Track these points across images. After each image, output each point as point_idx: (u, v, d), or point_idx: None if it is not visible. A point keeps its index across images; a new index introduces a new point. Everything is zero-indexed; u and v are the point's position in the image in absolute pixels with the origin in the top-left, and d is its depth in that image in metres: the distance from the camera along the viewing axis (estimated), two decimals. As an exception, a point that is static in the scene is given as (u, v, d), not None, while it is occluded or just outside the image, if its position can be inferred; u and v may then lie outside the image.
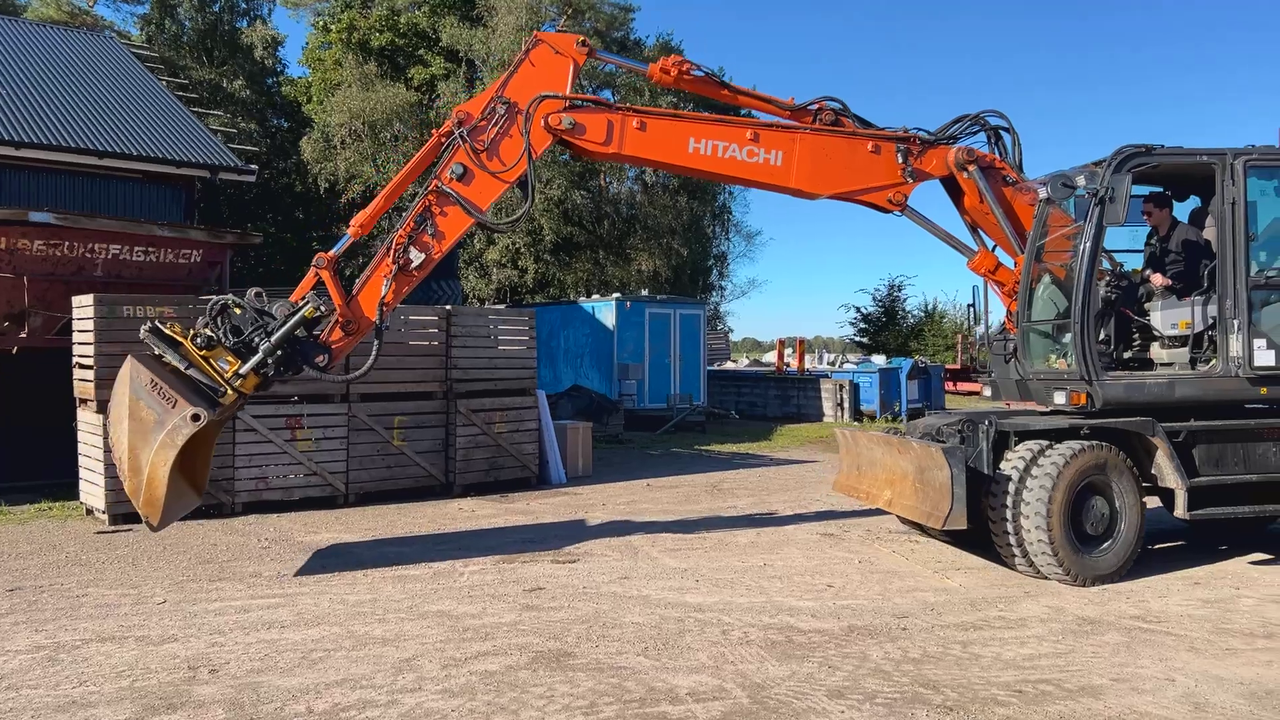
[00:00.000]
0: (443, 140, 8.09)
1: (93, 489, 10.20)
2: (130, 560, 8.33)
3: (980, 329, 9.50)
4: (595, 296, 24.86)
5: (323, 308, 7.60)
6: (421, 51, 30.86)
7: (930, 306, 37.93)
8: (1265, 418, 8.24)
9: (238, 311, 7.38)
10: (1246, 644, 6.05)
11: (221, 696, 5.10)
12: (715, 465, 15.43)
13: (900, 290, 38.44)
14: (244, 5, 36.02)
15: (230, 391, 7.32)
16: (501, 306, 25.53)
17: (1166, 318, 8.23)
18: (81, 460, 10.57)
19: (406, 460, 11.76)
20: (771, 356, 31.10)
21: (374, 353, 7.85)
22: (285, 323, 7.39)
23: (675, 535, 9.54)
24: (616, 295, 22.97)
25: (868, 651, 5.87)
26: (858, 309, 38.85)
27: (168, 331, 7.34)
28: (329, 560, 8.38)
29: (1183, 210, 9.00)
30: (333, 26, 31.69)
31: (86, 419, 10.35)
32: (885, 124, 9.01)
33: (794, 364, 26.70)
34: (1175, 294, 8.24)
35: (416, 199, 8.10)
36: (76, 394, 10.48)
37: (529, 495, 12.14)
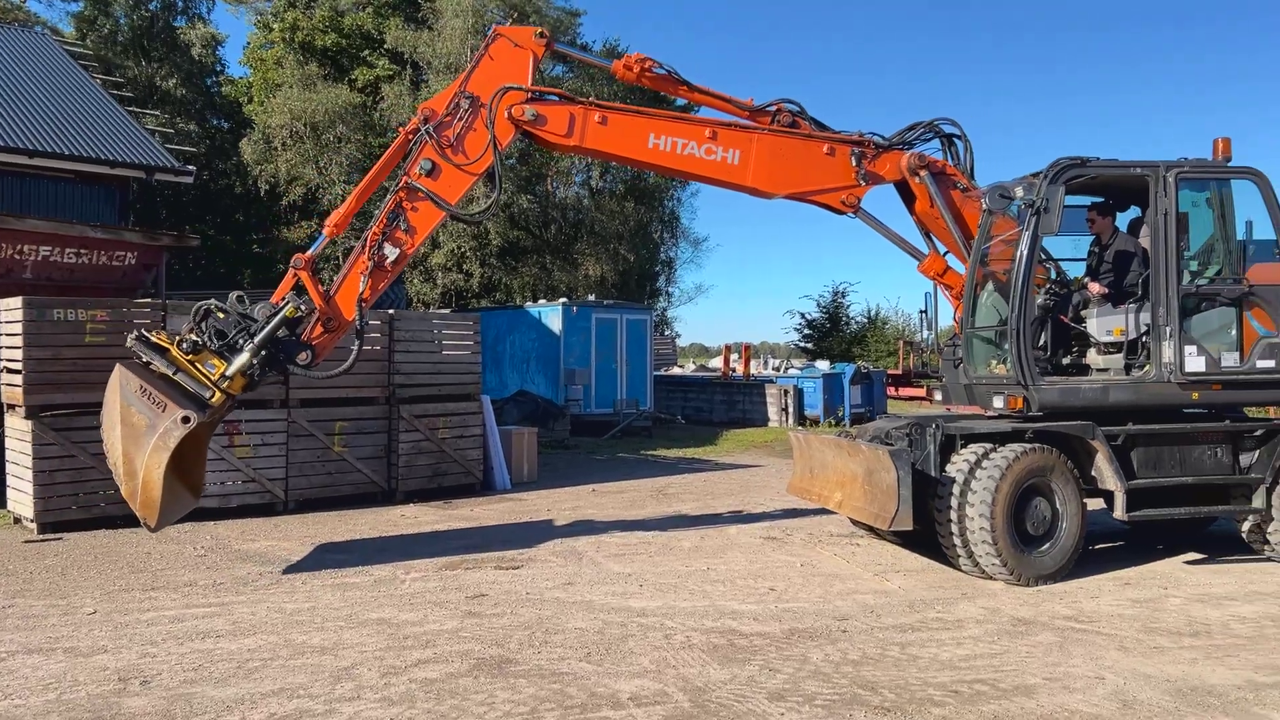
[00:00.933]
0: (410, 138, 8.20)
1: (21, 497, 9.91)
2: (59, 570, 8.12)
3: (931, 334, 9.70)
4: (542, 301, 24.80)
5: (303, 307, 7.75)
6: (366, 53, 30.54)
7: (873, 313, 38.44)
8: (1201, 422, 8.48)
9: (221, 315, 7.54)
10: (1173, 642, 6.21)
11: (152, 709, 4.99)
12: (661, 470, 15.46)
13: (844, 297, 38.92)
14: (182, 3, 35.34)
15: (218, 393, 7.44)
16: (446, 311, 25.33)
17: (1102, 324, 8.44)
18: (9, 468, 10.28)
19: (348, 467, 11.61)
20: (718, 362, 31.24)
21: (355, 350, 8.02)
22: (267, 324, 7.57)
23: (620, 540, 9.55)
24: (563, 300, 22.93)
25: (808, 654, 5.92)
26: (802, 315, 39.24)
27: (154, 339, 7.45)
28: (267, 568, 8.24)
29: (1126, 219, 9.25)
30: (274, 26, 31.24)
31: (15, 425, 10.06)
32: (840, 130, 9.15)
33: (740, 369, 26.85)
34: (1111, 301, 8.45)
35: (388, 196, 8.15)
36: (4, 399, 10.17)
37: (473, 501, 12.06)
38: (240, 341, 7.50)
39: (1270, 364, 8.11)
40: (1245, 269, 8.21)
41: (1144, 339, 8.18)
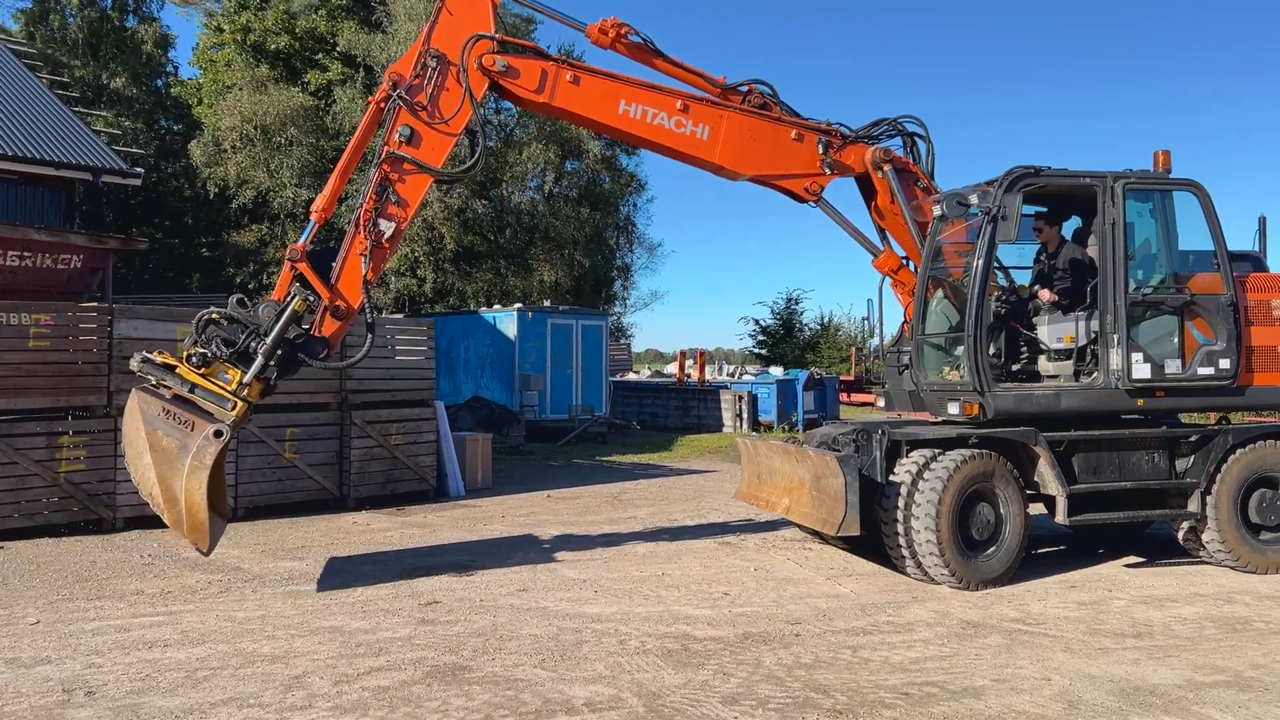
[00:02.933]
0: (382, 106, 7.93)
1: (-40, 505, 9.67)
2: (0, 580, 7.93)
3: (875, 340, 9.79)
4: (497, 307, 24.70)
5: (310, 298, 7.49)
6: (319, 56, 30.22)
7: (826, 320, 38.79)
8: (1139, 428, 8.68)
9: (224, 323, 7.24)
10: (1117, 643, 6.35)
11: (98, 719, 4.91)
12: (616, 476, 15.47)
13: (797, 304, 39.24)
14: (132, 2, 34.73)
15: (239, 403, 7.17)
16: (400, 316, 25.14)
17: (1053, 332, 8.61)
18: (-52, 475, 10.02)
19: (299, 473, 11.48)
20: (673, 368, 31.34)
21: (369, 340, 7.85)
22: (277, 323, 7.26)
23: (575, 546, 9.54)
24: (518, 306, 22.87)
25: (761, 658, 5.96)
26: (757, 321, 39.49)
27: (160, 359, 7.15)
28: (216, 576, 8.12)
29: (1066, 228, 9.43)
30: (225, 27, 30.79)
31: (-46, 431, 9.81)
32: (808, 117, 9.21)
33: (695, 375, 26.97)
34: (1061, 309, 8.62)
35: (371, 170, 7.91)
36: (-57, 405, 9.92)
37: (427, 508, 11.98)
38: (252, 346, 7.22)
39: (1209, 371, 8.32)
40: (1187, 279, 8.44)
41: (1093, 346, 8.36)
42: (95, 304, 10.76)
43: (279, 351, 7.32)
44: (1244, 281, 8.59)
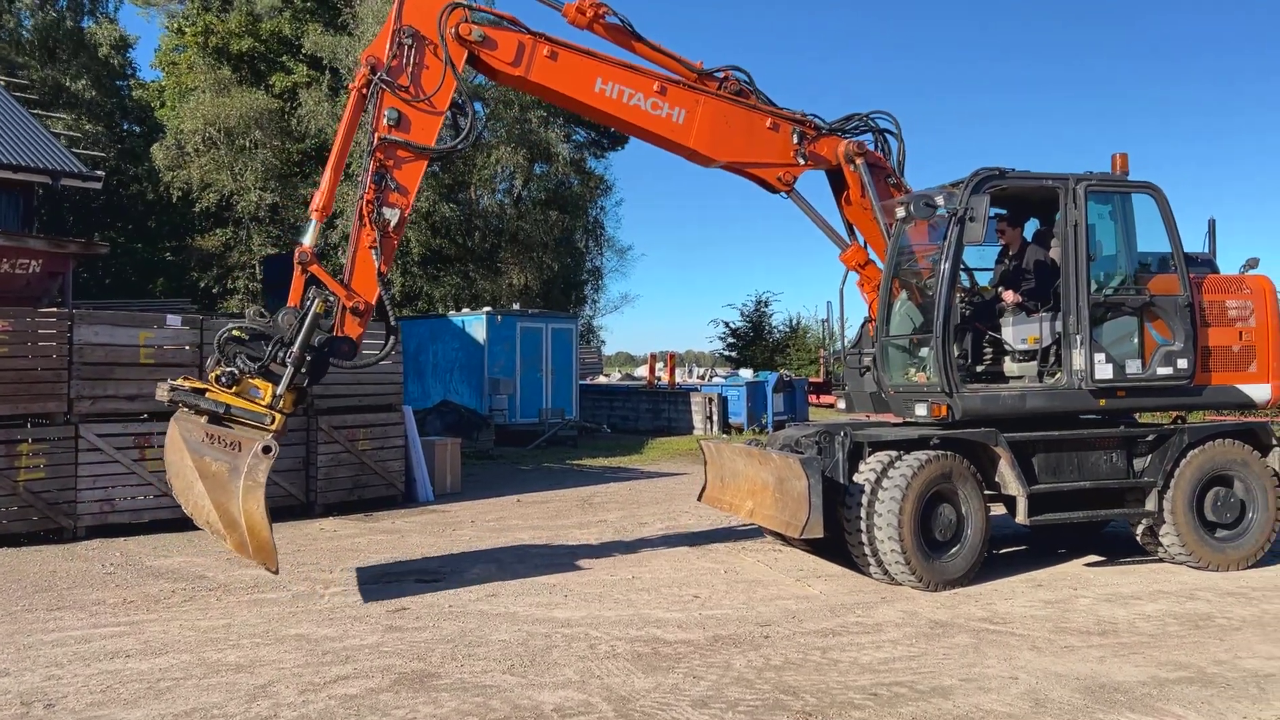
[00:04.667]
0: (364, 93, 7.73)
1: (-85, 515, 9.48)
2: (-43, 591, 7.78)
3: (837, 344, 9.82)
4: (465, 310, 24.59)
5: (331, 298, 7.37)
6: (284, 58, 29.97)
7: (794, 322, 38.99)
8: (1097, 428, 8.77)
9: (246, 339, 7.12)
10: (1083, 641, 6.41)
11: (57, 733, 4.81)
12: (587, 479, 15.44)
13: (766, 306, 39.41)
14: (89, 3, 34.24)
15: (277, 416, 7.08)
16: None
17: (1017, 333, 8.66)
18: (-98, 485, 9.81)
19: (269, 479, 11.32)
20: (644, 370, 31.34)
21: (391, 341, 7.80)
22: (302, 329, 7.13)
23: (544, 550, 9.50)
24: (487, 309, 22.77)
25: (731, 660, 5.96)
26: (726, 324, 39.60)
27: (189, 385, 7.05)
28: (180, 585, 8.01)
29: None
30: (187, 30, 30.45)
31: (-91, 440, 9.62)
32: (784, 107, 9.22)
33: (665, 378, 26.99)
34: (1025, 310, 8.69)
35: (365, 160, 7.75)
36: (-103, 413, 9.72)
37: (394, 514, 11.89)
38: (279, 357, 7.10)
39: (1168, 371, 8.43)
40: (1146, 280, 8.55)
41: (1056, 347, 8.44)
42: (55, 309, 10.59)
43: (307, 358, 7.21)
44: (1200, 283, 8.72)
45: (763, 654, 6.09)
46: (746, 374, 26.84)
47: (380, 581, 8.15)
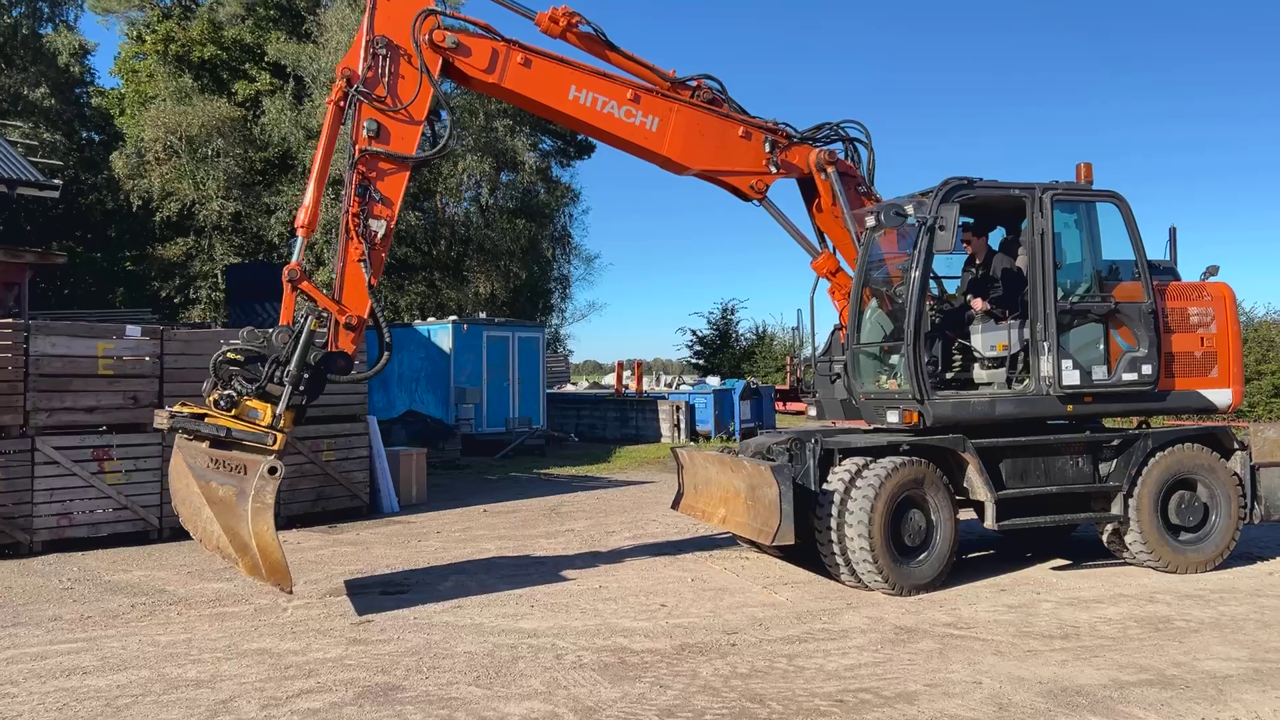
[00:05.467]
0: (341, 106, 7.72)
1: None
2: (-92, 609, 7.61)
3: (806, 350, 9.89)
4: (431, 319, 24.44)
5: (324, 314, 7.43)
6: (246, 66, 29.68)
7: (760, 329, 39.10)
8: (1063, 433, 8.88)
9: (240, 359, 7.14)
10: (1045, 645, 6.47)
11: (11, 753, 4.71)
12: (554, 488, 15.39)
13: (733, 314, 39.50)
14: (47, 10, 33.74)
15: (278, 436, 7.07)
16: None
17: (986, 340, 8.76)
18: None
19: (227, 491, 11.18)
20: (611, 379, 31.31)
21: (385, 356, 7.74)
22: (297, 348, 7.14)
23: (511, 561, 9.46)
24: (453, 318, 22.65)
25: (698, 669, 5.96)
26: (694, 332, 39.66)
27: (186, 411, 7.01)
28: (139, 600, 7.88)
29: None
30: (147, 37, 30.07)
31: None
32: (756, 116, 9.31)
33: (633, 386, 26.98)
34: (993, 318, 8.80)
35: (347, 173, 7.69)
36: None
37: (359, 525, 11.77)
38: (277, 376, 7.12)
39: (1133, 376, 8.57)
40: (1111, 287, 8.68)
41: (1024, 353, 8.55)
42: (10, 320, 10.40)
43: (304, 375, 7.20)
44: (1163, 290, 8.87)
45: (729, 662, 6.10)
46: (714, 382, 26.88)
47: (344, 594, 8.06)
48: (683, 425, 23.50)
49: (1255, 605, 7.50)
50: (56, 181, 17.06)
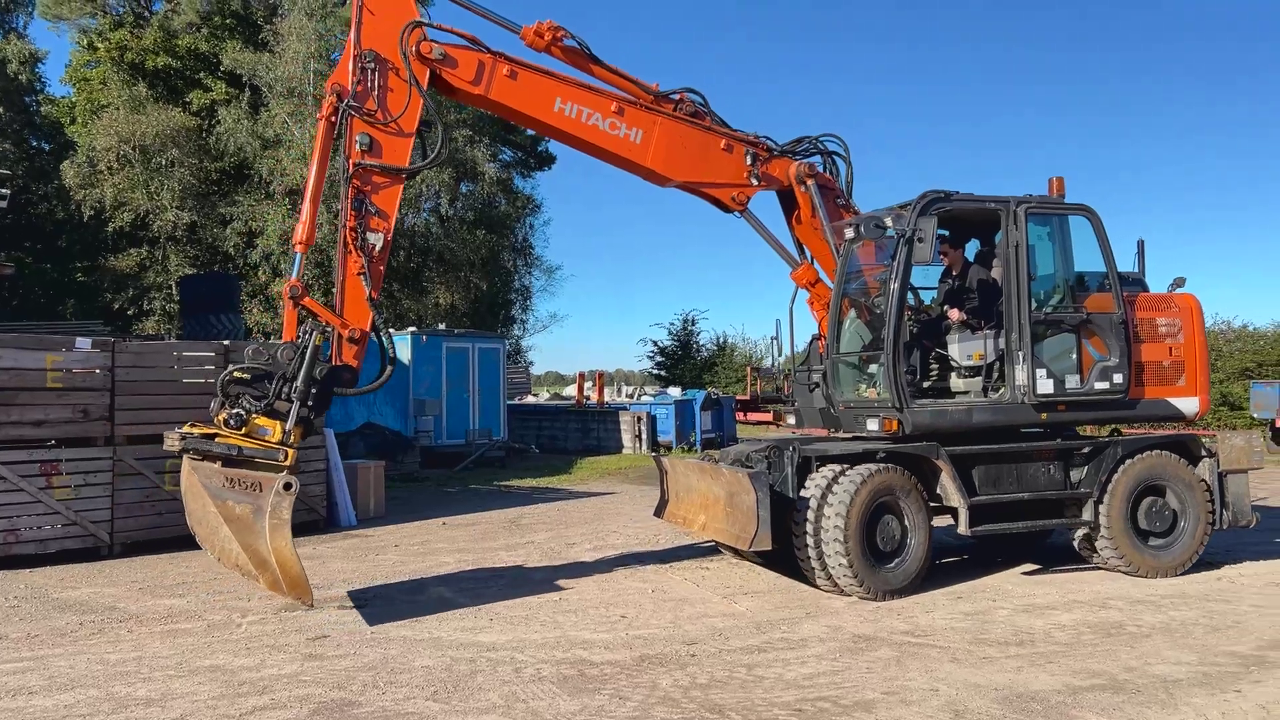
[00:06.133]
0: (332, 121, 7.78)
1: None
2: None
3: (782, 359, 10.04)
4: (390, 330, 24.22)
5: (329, 329, 7.52)
6: (201, 75, 29.33)
7: (721, 340, 39.26)
8: (1035, 440, 9.03)
9: (247, 377, 7.21)
10: (1001, 652, 6.54)
11: (-48, 777, 4.59)
12: (514, 501, 15.31)
13: (694, 325, 39.63)
14: (-3, 18, 33.16)
15: (289, 451, 7.12)
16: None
17: (963, 350, 8.95)
18: None
19: (180, 506, 10.91)
20: (573, 390, 31.23)
21: (388, 370, 7.92)
22: (303, 364, 7.21)
23: (470, 573, 9.39)
24: (412, 329, 22.47)
25: (658, 680, 5.95)
26: (655, 343, 39.73)
27: (197, 432, 7.05)
28: (89, 617, 7.72)
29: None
30: (100, 45, 29.63)
31: None
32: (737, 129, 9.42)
33: (594, 397, 26.93)
34: (970, 328, 8.96)
35: (343, 188, 7.76)
36: None
37: (315, 540, 11.62)
38: (284, 392, 7.17)
39: (1105, 385, 8.78)
40: (1083, 298, 8.87)
41: (1000, 363, 8.71)
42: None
43: (312, 390, 7.27)
44: (1133, 301, 9.09)
45: (689, 673, 6.09)
46: (675, 392, 26.93)
47: (300, 609, 7.95)
48: (644, 436, 23.51)
49: (1204, 610, 7.64)
50: (5, 191, 16.74)
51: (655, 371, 39.51)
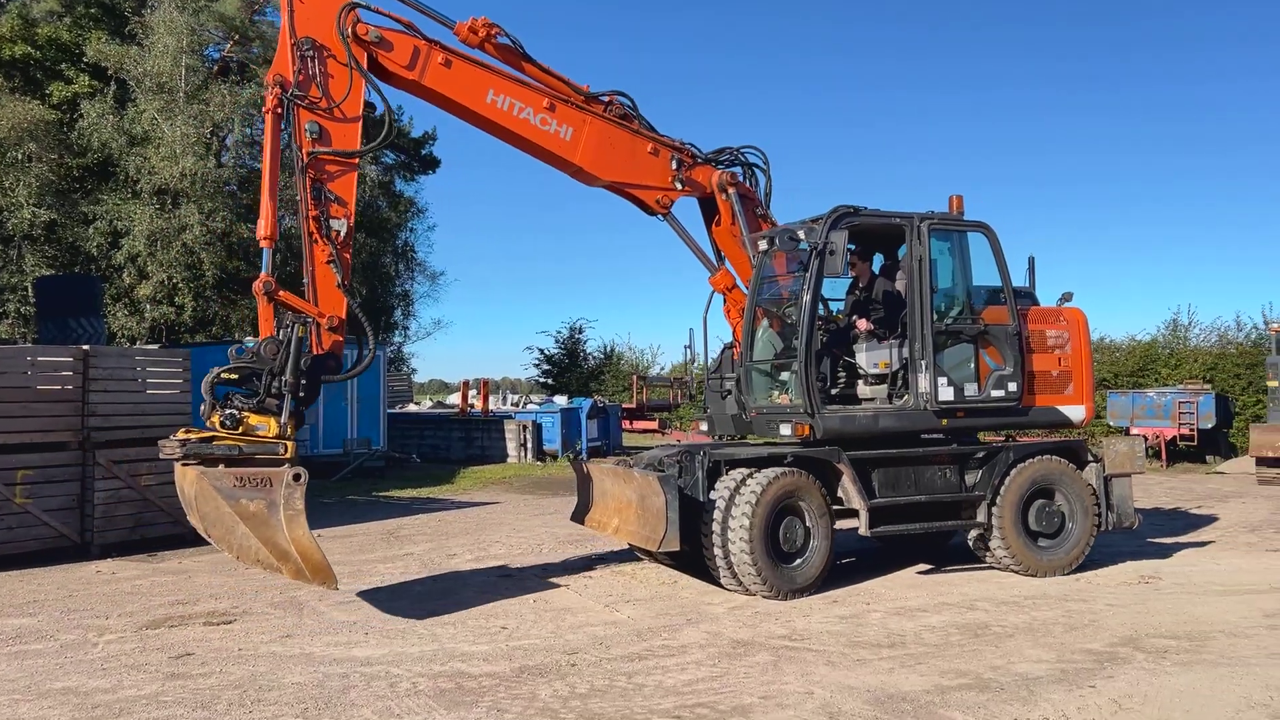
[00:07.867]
0: (278, 113, 7.69)
1: None
2: None
3: (697, 365, 10.21)
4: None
5: (310, 321, 7.59)
6: (63, 67, 27.88)
7: (608, 349, 39.29)
8: (932, 446, 9.35)
9: (232, 377, 7.31)
10: (874, 654, 6.71)
11: None
12: (393, 511, 14.99)
13: (581, 333, 39.53)
14: None
15: (289, 444, 7.26)
16: (155, 347, 23.42)
17: (870, 358, 9.24)
18: None
19: (32, 520, 10.40)
20: (457, 398, 30.78)
21: (369, 355, 8.31)
22: (289, 358, 7.29)
23: (345, 587, 9.10)
24: (287, 335, 21.78)
25: (537, 691, 5.89)
26: (541, 351, 39.47)
27: (195, 437, 7.13)
28: (-74, 641, 7.20)
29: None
30: (-49, 31, 27.86)
31: None
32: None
33: (478, 405, 26.60)
34: (876, 337, 9.23)
35: (298, 178, 7.75)
36: None
37: (182, 553, 11.12)
38: (274, 387, 7.25)
39: (1001, 393, 9.20)
40: (980, 311, 9.25)
41: (904, 371, 9.02)
42: None
43: (301, 382, 7.35)
44: (1025, 314, 9.53)
45: (569, 682, 6.05)
46: (561, 401, 26.81)
47: (163, 626, 7.60)
48: (529, 445, 23.34)
49: (1064, 610, 8.00)
50: None
51: (542, 380, 39.24)
